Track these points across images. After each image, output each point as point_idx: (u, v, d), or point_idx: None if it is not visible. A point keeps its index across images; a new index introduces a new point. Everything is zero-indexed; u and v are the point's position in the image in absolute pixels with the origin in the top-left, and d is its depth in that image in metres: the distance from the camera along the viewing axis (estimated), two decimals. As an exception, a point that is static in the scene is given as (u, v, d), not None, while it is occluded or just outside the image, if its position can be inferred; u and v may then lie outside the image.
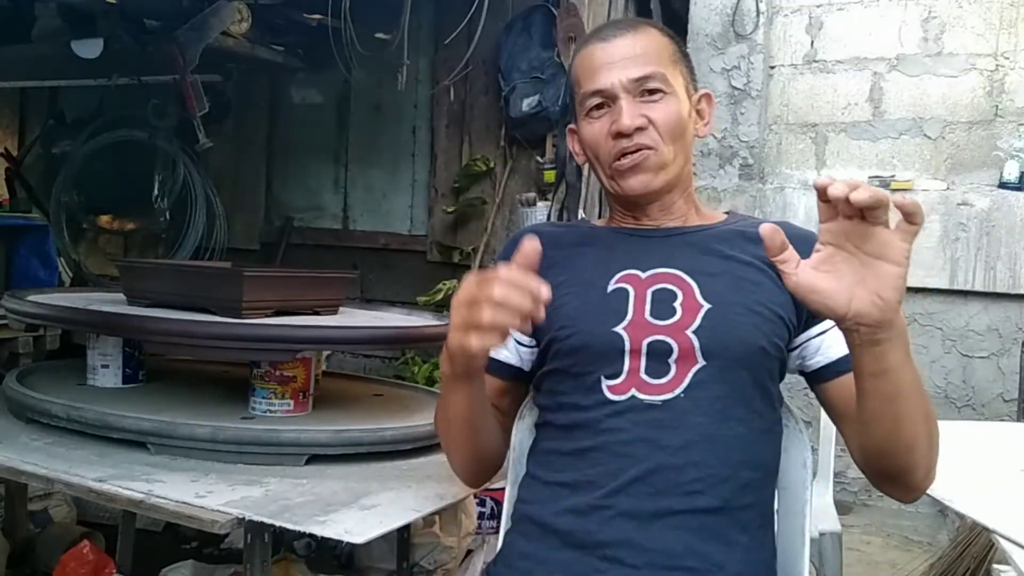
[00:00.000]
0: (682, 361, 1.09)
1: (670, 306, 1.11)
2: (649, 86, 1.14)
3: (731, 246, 1.16)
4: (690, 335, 1.09)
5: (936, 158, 3.82)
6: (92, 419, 1.48)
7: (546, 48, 3.50)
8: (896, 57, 3.87)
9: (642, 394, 1.09)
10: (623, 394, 1.09)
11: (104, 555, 2.26)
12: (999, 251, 3.62)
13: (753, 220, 1.23)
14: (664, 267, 1.15)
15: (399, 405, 1.85)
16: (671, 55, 1.18)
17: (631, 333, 1.10)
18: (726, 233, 1.19)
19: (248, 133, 4.65)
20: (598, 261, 1.18)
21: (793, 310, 1.12)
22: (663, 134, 1.14)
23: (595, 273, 1.16)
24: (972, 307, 3.68)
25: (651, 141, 1.14)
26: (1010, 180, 3.64)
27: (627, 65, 1.14)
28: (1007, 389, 3.59)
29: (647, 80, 1.14)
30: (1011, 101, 3.70)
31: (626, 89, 1.14)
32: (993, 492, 1.41)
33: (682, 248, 1.17)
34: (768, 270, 1.11)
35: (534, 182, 3.65)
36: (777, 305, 1.12)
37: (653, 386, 1.09)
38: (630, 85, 1.14)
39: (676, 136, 1.15)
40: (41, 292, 2.03)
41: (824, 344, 1.13)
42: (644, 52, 1.15)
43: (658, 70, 1.14)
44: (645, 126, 1.14)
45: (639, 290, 1.13)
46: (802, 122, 4.06)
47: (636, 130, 1.13)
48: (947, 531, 3.32)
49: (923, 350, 3.75)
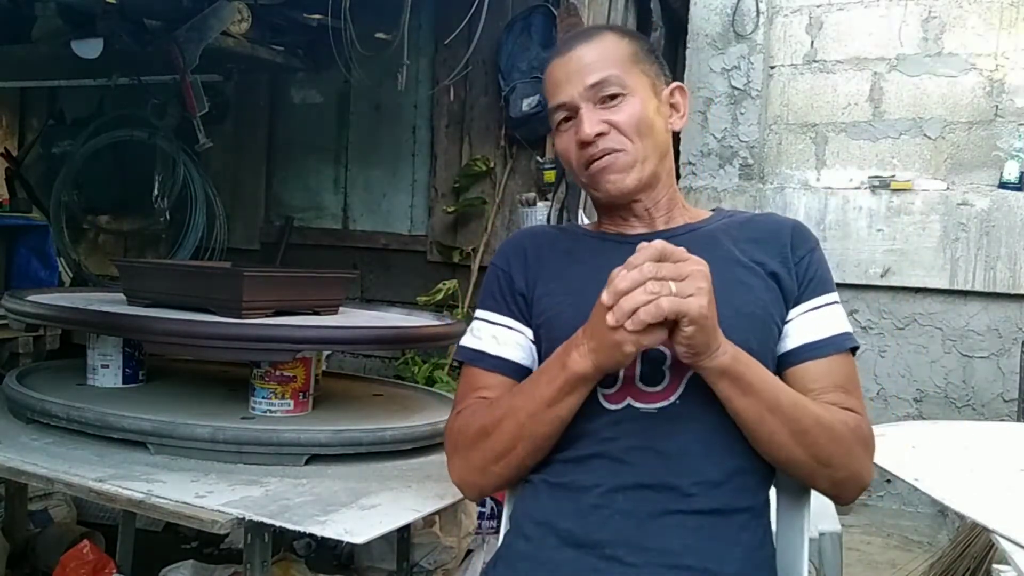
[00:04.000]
0: (675, 368, 1.09)
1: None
2: (606, 91, 1.15)
3: (717, 246, 1.16)
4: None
5: (936, 158, 3.82)
6: (92, 419, 1.48)
7: (546, 48, 3.50)
8: (896, 57, 3.87)
9: (638, 403, 1.09)
10: (619, 403, 1.10)
11: (104, 555, 2.26)
12: (999, 251, 3.62)
13: (739, 215, 1.24)
14: None
15: (399, 405, 1.85)
16: (629, 56, 1.18)
17: None
18: (712, 232, 1.20)
19: (248, 133, 4.64)
20: (589, 270, 1.16)
21: (782, 307, 1.14)
22: (627, 134, 1.16)
23: (587, 282, 1.14)
24: (972, 307, 3.68)
25: (616, 143, 1.16)
26: (1010, 180, 3.64)
27: (583, 74, 1.16)
28: (1007, 389, 3.59)
29: (602, 86, 1.15)
30: (1011, 101, 3.70)
31: (584, 98, 1.16)
32: (993, 492, 1.41)
33: None
34: (756, 267, 1.15)
35: (534, 182, 3.65)
36: (767, 304, 1.13)
37: (648, 394, 1.09)
38: (587, 93, 1.16)
39: (643, 133, 1.16)
40: (41, 292, 2.03)
41: (787, 332, 1.14)
42: (598, 58, 1.17)
43: (612, 73, 1.16)
44: (606, 131, 1.15)
45: None
46: (802, 122, 4.06)
47: (598, 136, 1.15)
48: (947, 531, 3.32)
49: (923, 350, 3.75)
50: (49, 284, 3.44)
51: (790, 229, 1.19)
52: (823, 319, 1.14)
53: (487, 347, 1.20)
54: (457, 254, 3.86)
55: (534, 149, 3.65)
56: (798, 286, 1.15)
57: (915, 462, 1.53)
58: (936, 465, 1.53)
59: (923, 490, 1.39)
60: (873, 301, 3.85)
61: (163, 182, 4.56)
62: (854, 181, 3.93)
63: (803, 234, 1.19)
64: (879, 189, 3.84)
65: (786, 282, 1.15)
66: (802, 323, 1.14)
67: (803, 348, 1.13)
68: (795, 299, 1.15)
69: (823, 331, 1.13)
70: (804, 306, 1.15)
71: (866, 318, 3.85)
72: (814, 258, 1.17)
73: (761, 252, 1.16)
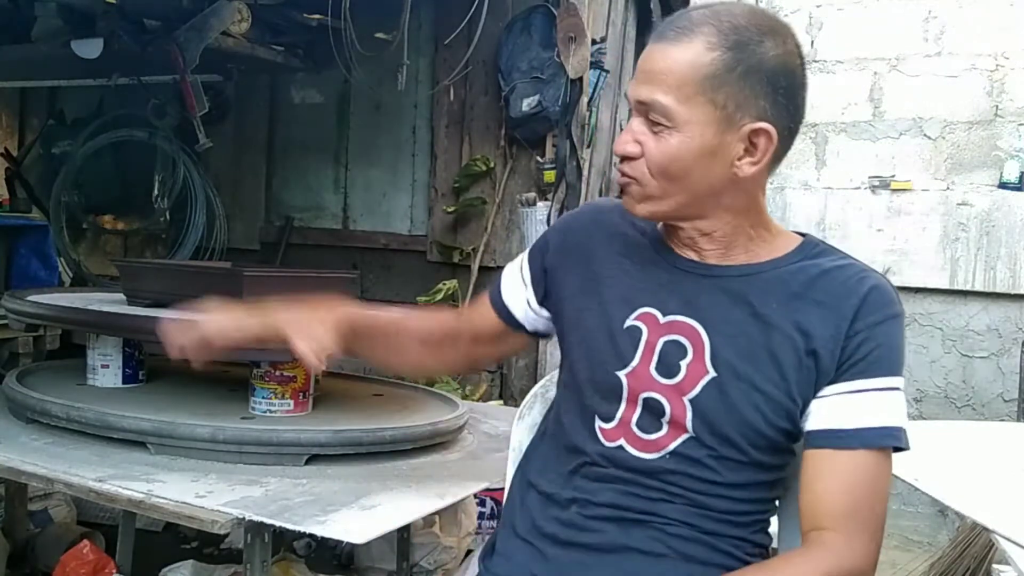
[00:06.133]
0: (673, 425, 1.05)
1: (676, 364, 1.05)
2: (650, 116, 1.01)
3: (770, 299, 1.03)
4: (686, 402, 1.04)
5: (936, 158, 3.82)
6: (92, 419, 1.48)
7: (546, 48, 3.50)
8: (896, 57, 3.87)
9: (631, 447, 1.07)
10: (613, 441, 1.08)
11: (104, 555, 2.26)
12: (999, 251, 3.62)
13: (819, 262, 1.05)
14: (684, 315, 1.06)
15: (399, 405, 1.85)
16: (704, 77, 0.97)
17: (631, 382, 1.07)
18: (770, 283, 1.05)
19: (248, 133, 4.64)
20: (626, 286, 1.11)
21: (811, 389, 1.01)
22: (653, 171, 1.02)
23: (620, 299, 1.10)
24: (972, 307, 3.68)
25: (636, 173, 1.03)
26: (1010, 180, 3.64)
27: (644, 81, 1.01)
28: (1007, 389, 3.59)
29: (648, 108, 1.00)
30: (1011, 101, 3.70)
31: (637, 110, 1.02)
32: (993, 492, 1.41)
33: (713, 294, 1.06)
34: (797, 338, 1.01)
35: (534, 182, 3.64)
36: (790, 386, 1.01)
37: (642, 441, 1.06)
38: (638, 107, 1.02)
39: (671, 176, 1.01)
40: (41, 292, 2.03)
41: (812, 410, 1.02)
42: (663, 72, 0.99)
43: (661, 100, 0.99)
44: (636, 155, 1.02)
45: (652, 337, 1.07)
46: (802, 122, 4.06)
47: (625, 158, 1.03)
48: (947, 531, 3.32)
49: (923, 350, 3.75)
50: (49, 284, 3.44)
51: (860, 298, 1.00)
52: (864, 405, 0.99)
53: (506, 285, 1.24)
54: (457, 254, 3.86)
55: (534, 149, 3.64)
56: (839, 364, 1.00)
57: (915, 462, 1.52)
58: (936, 465, 1.52)
59: (923, 490, 1.39)
60: (873, 301, 3.84)
61: (163, 182, 4.57)
62: (854, 181, 3.93)
63: (875, 303, 1.01)
64: (879, 189, 3.84)
65: (825, 362, 1.00)
66: (834, 405, 1.00)
67: (822, 434, 1.00)
68: (831, 377, 1.00)
69: (857, 420, 0.99)
70: (844, 386, 1.00)
71: (866, 318, 3.85)
72: (875, 333, 1.00)
73: (816, 319, 1.01)
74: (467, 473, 1.52)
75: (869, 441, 0.99)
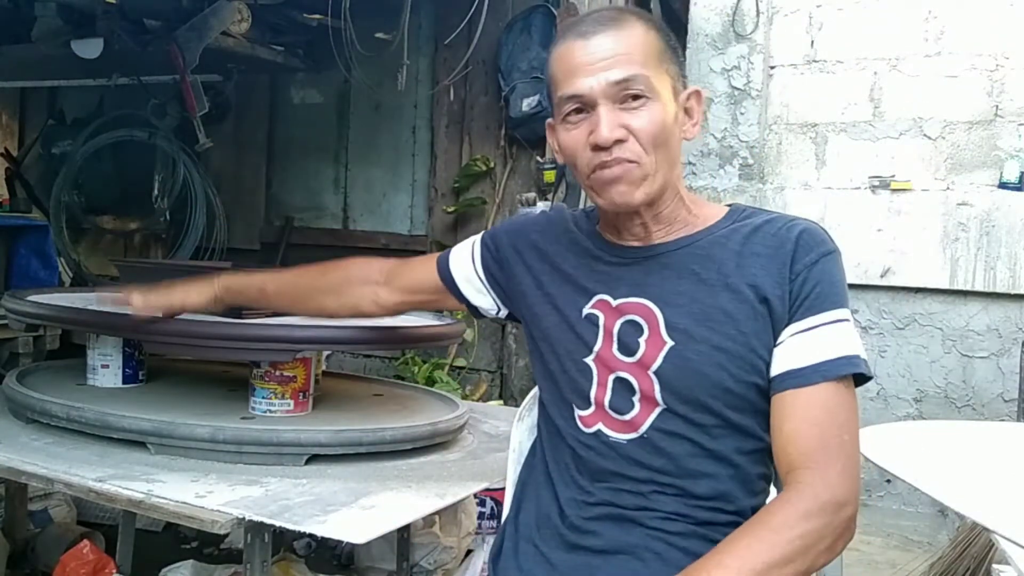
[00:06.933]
0: (644, 400, 1.07)
1: (635, 341, 1.08)
2: (631, 91, 1.04)
3: (710, 263, 1.08)
4: (651, 375, 1.07)
5: (936, 158, 3.81)
6: (92, 419, 1.48)
7: (546, 48, 3.49)
8: (896, 57, 3.87)
9: (609, 430, 1.09)
10: (591, 427, 1.11)
11: (104, 555, 2.26)
12: (999, 251, 3.62)
13: (750, 220, 1.11)
14: (635, 296, 1.10)
15: (399, 405, 1.85)
16: (658, 53, 1.06)
17: (598, 367, 1.11)
18: (709, 247, 1.10)
19: (248, 133, 4.65)
20: (578, 278, 1.16)
21: (770, 336, 1.04)
22: (645, 144, 1.05)
23: (574, 291, 1.16)
24: (972, 307, 3.68)
25: (631, 154, 1.05)
26: (1010, 180, 3.63)
27: (608, 67, 1.03)
28: (1007, 389, 3.59)
29: (628, 84, 1.03)
30: (1011, 101, 3.70)
31: (606, 95, 1.04)
32: (993, 492, 1.41)
33: (658, 272, 1.10)
34: (746, 291, 1.05)
35: (534, 182, 3.65)
36: (748, 337, 1.04)
37: (619, 422, 1.09)
38: (610, 90, 1.04)
39: (659, 144, 1.05)
40: (41, 292, 2.03)
41: (775, 357, 1.04)
42: (627, 51, 1.04)
43: (641, 72, 1.04)
44: (625, 138, 1.04)
45: (608, 321, 1.11)
46: (802, 122, 4.06)
47: (615, 142, 1.04)
48: (947, 531, 3.32)
49: (923, 350, 3.75)
50: (49, 284, 3.44)
51: (794, 241, 1.06)
52: (816, 341, 1.02)
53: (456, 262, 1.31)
54: (457, 254, 3.87)
55: (534, 149, 3.65)
56: (790, 307, 1.04)
57: (915, 462, 1.52)
58: (936, 465, 1.52)
59: (923, 490, 1.39)
60: (873, 301, 3.84)
61: (163, 182, 4.57)
62: (854, 181, 3.93)
63: (807, 244, 1.06)
64: (879, 189, 3.84)
65: (777, 307, 1.04)
66: (789, 347, 1.03)
67: (783, 377, 1.02)
68: (786, 321, 1.04)
69: (812, 356, 1.01)
70: (795, 327, 1.03)
71: (866, 318, 3.85)
72: (815, 271, 1.04)
73: (760, 270, 1.06)
74: (467, 473, 1.53)
75: (827, 372, 1.01)
